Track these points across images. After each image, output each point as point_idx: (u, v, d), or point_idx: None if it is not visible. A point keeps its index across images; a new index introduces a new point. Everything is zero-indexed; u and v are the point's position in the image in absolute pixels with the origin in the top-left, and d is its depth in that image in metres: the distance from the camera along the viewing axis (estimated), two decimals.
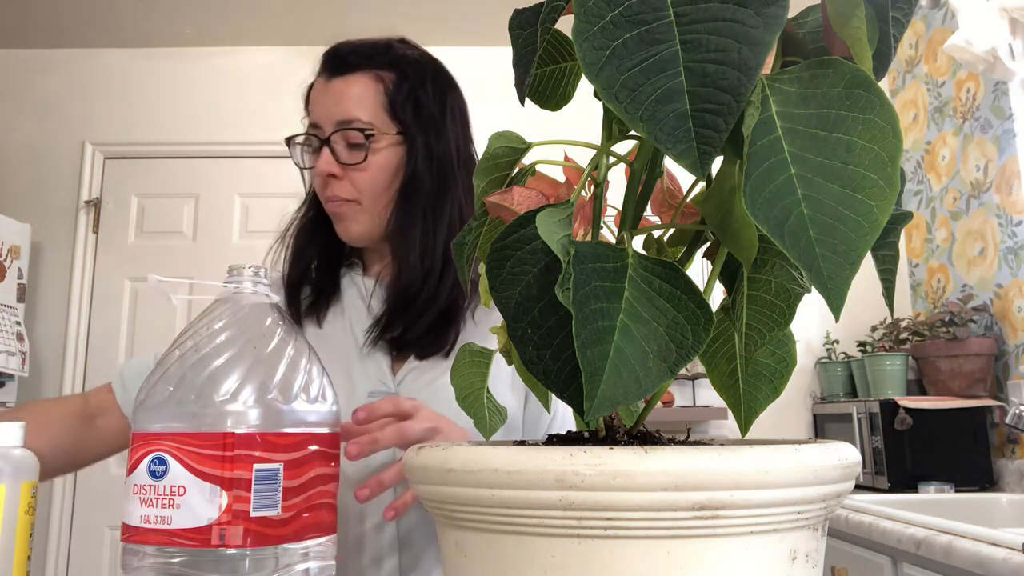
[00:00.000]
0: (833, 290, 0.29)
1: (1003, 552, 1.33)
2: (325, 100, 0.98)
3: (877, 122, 0.30)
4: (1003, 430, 2.36)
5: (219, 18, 3.06)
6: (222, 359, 0.53)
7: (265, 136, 3.16)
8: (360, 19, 3.07)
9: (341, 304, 1.03)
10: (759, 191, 0.30)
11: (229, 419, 0.51)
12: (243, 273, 0.59)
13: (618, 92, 0.31)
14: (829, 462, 0.33)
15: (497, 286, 0.36)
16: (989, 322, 2.44)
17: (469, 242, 0.45)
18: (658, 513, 0.31)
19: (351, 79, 0.98)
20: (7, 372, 2.67)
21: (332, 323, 1.02)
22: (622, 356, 0.32)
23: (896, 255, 0.38)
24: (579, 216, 0.40)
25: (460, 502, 0.35)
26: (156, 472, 0.50)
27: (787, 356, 0.44)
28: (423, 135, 0.98)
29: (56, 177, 3.12)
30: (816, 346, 2.92)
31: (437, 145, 0.99)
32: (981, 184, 2.50)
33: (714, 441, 0.38)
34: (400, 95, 0.98)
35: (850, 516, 1.87)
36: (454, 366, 0.47)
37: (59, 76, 3.21)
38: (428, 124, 0.99)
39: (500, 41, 3.10)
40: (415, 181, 0.97)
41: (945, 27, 2.68)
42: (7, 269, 2.75)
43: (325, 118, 0.97)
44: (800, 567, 0.34)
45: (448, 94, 1.03)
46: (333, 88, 0.98)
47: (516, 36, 0.39)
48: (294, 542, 0.52)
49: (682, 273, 0.34)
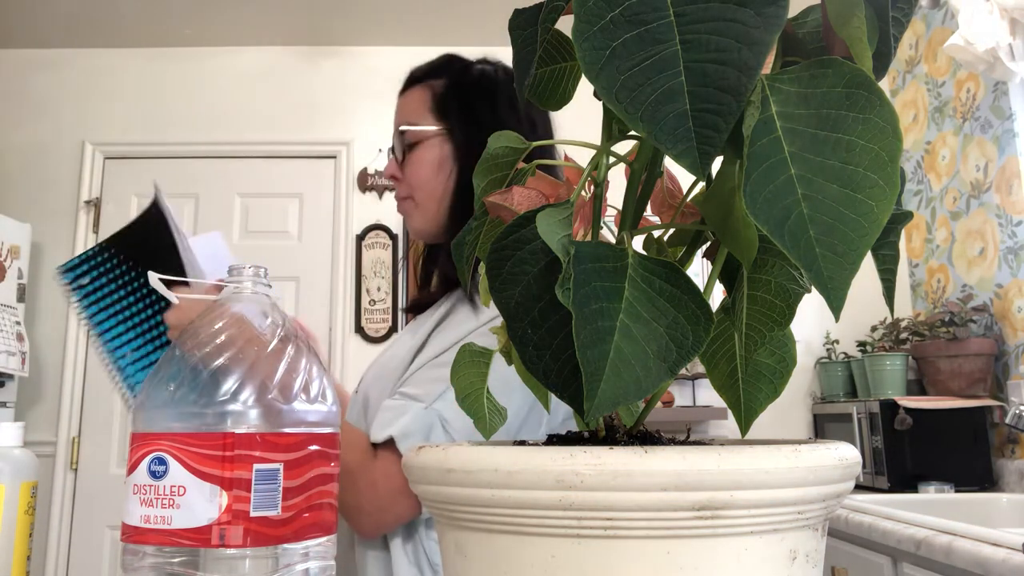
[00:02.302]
0: (833, 290, 0.29)
1: (1003, 552, 1.33)
2: (394, 118, 1.10)
3: (877, 122, 0.30)
4: (1003, 430, 2.36)
5: (219, 18, 3.06)
6: (222, 359, 0.53)
7: (265, 136, 3.17)
8: (360, 19, 3.07)
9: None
10: (759, 191, 0.30)
11: (229, 419, 0.51)
12: (243, 273, 0.59)
13: (618, 92, 0.31)
14: (829, 462, 0.33)
15: (497, 286, 0.36)
16: (989, 322, 2.44)
17: (469, 242, 0.45)
18: (658, 513, 0.31)
19: (409, 94, 1.08)
20: (7, 372, 2.67)
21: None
22: (622, 356, 0.32)
23: (896, 255, 0.38)
24: (579, 216, 0.40)
25: (460, 502, 0.35)
26: (156, 472, 0.50)
27: (787, 356, 0.44)
28: (473, 131, 1.02)
29: (56, 177, 3.12)
30: (816, 346, 2.92)
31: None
32: (981, 184, 2.50)
33: (714, 441, 0.38)
34: (446, 96, 1.05)
35: (850, 516, 1.87)
36: (454, 366, 0.47)
37: (59, 76, 3.21)
38: (478, 121, 1.03)
39: (500, 41, 3.10)
40: (465, 175, 1.02)
41: (945, 27, 2.68)
42: (7, 269, 2.75)
43: (392, 132, 1.09)
44: (800, 567, 0.34)
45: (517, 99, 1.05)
46: (397, 106, 1.10)
47: (516, 36, 0.39)
48: (294, 542, 0.52)
49: (682, 273, 0.34)
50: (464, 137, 1.03)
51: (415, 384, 0.93)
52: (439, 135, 1.04)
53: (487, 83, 1.06)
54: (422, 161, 1.04)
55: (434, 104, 1.05)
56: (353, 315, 3.05)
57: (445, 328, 0.99)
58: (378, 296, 3.07)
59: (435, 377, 0.92)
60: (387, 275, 3.08)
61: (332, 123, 3.14)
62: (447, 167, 1.03)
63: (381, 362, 1.07)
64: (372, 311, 3.06)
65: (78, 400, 2.97)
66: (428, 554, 0.92)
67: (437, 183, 1.03)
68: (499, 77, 1.06)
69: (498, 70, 1.07)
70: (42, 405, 2.94)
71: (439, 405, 0.89)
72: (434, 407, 0.89)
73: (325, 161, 3.16)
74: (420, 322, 1.05)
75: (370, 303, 3.07)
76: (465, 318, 0.97)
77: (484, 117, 1.03)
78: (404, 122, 1.06)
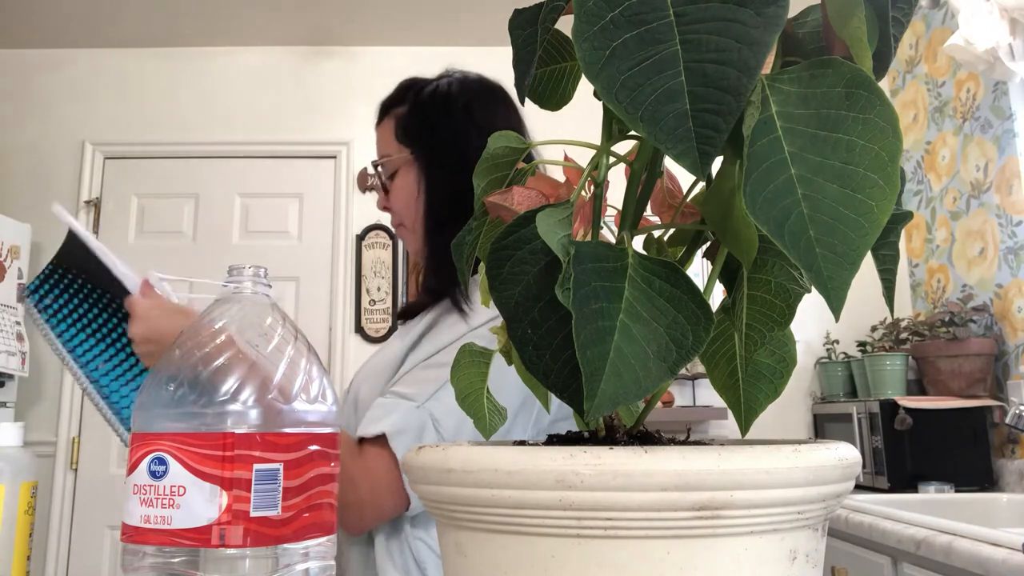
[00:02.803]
0: (833, 290, 0.29)
1: (1003, 552, 1.33)
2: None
3: (877, 122, 0.30)
4: (1003, 430, 2.36)
5: (219, 18, 3.06)
6: (222, 359, 0.53)
7: (265, 136, 3.16)
8: (360, 20, 3.07)
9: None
10: (759, 191, 0.30)
11: (229, 419, 0.51)
12: (243, 273, 0.59)
13: (618, 92, 0.31)
14: (829, 462, 0.33)
15: (497, 286, 0.36)
16: (989, 322, 2.44)
17: (469, 242, 0.45)
18: (658, 513, 0.31)
19: (381, 126, 1.13)
20: (7, 372, 2.67)
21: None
22: (622, 356, 0.32)
23: (896, 255, 0.38)
24: (579, 216, 0.40)
25: (460, 502, 0.35)
26: (156, 472, 0.50)
27: (787, 356, 0.44)
28: (438, 150, 1.05)
29: (56, 177, 3.12)
30: (816, 346, 2.92)
31: (463, 157, 1.04)
32: (981, 184, 2.50)
33: (714, 441, 0.38)
34: (407, 121, 1.08)
35: (850, 516, 1.87)
36: (454, 366, 0.47)
37: (59, 76, 3.21)
38: (442, 140, 1.05)
39: (500, 41, 3.10)
40: (437, 195, 1.05)
41: (945, 27, 2.68)
42: (7, 269, 2.75)
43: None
44: (800, 567, 0.34)
45: (475, 108, 1.07)
46: (376, 139, 1.14)
47: (516, 36, 0.39)
48: (294, 542, 0.52)
49: (682, 273, 0.34)
50: (425, 156, 1.07)
51: (406, 384, 0.94)
52: (408, 160, 1.08)
53: (440, 98, 1.08)
54: (402, 188, 1.08)
55: (399, 131, 1.09)
56: (353, 315, 3.05)
57: (437, 331, 0.99)
58: (378, 296, 3.07)
59: (427, 378, 0.93)
60: (387, 275, 3.08)
61: (332, 123, 3.14)
62: (422, 187, 1.07)
63: (371, 363, 1.08)
64: (372, 311, 3.06)
65: (78, 400, 2.97)
66: (414, 552, 0.92)
67: (419, 205, 1.07)
68: (452, 90, 1.08)
69: (452, 82, 1.09)
70: (42, 405, 2.94)
71: (430, 404, 0.90)
72: (426, 406, 0.90)
73: (325, 161, 3.16)
74: (410, 327, 1.06)
75: (370, 303, 3.07)
76: (455, 322, 0.99)
77: (442, 132, 1.06)
78: (379, 154, 1.12)
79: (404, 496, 0.89)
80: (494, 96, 1.10)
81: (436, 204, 1.05)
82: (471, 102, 1.07)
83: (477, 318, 0.97)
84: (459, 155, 1.03)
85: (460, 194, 1.03)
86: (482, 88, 1.10)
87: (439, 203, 1.05)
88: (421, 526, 0.94)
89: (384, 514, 0.91)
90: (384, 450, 0.87)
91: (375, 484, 0.88)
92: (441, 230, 1.04)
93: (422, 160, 1.07)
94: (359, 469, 0.88)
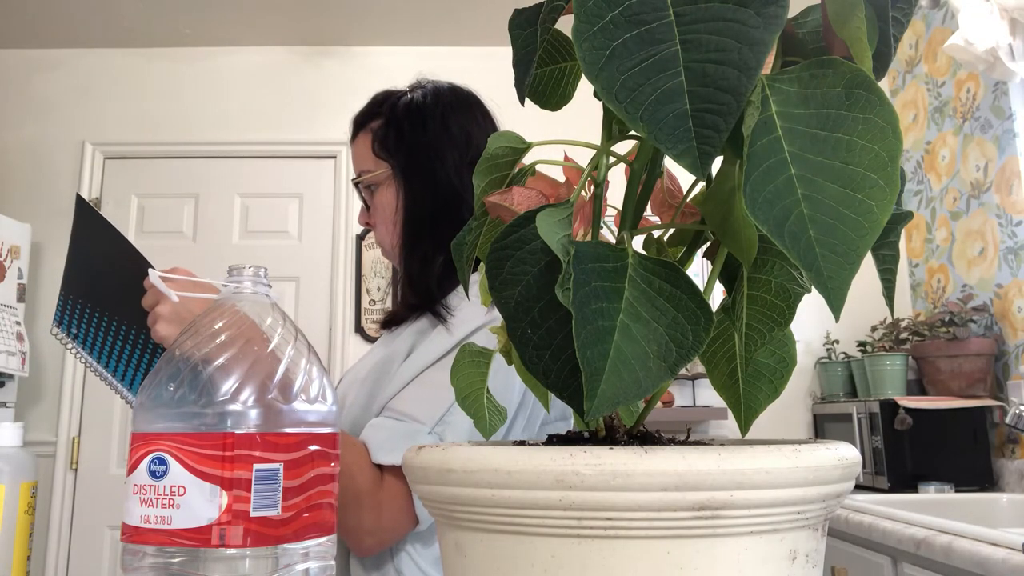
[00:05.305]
0: (833, 290, 0.29)
1: (1003, 552, 1.33)
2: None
3: (877, 122, 0.30)
4: (1003, 430, 2.36)
5: (219, 18, 3.06)
6: (222, 359, 0.53)
7: (265, 136, 3.16)
8: (361, 20, 3.07)
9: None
10: (759, 191, 0.30)
11: (229, 419, 0.51)
12: (243, 273, 0.59)
13: (618, 92, 0.31)
14: (829, 462, 0.33)
15: (497, 286, 0.36)
16: (989, 322, 2.44)
17: (469, 242, 0.45)
18: (658, 513, 0.31)
19: (356, 142, 1.12)
20: (7, 372, 2.67)
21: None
22: (622, 356, 0.32)
23: (896, 255, 0.38)
24: (579, 216, 0.40)
25: (460, 502, 0.35)
26: (156, 472, 0.50)
27: (787, 356, 0.44)
28: (415, 164, 1.05)
29: (56, 177, 3.12)
30: (816, 346, 2.92)
31: (440, 169, 1.05)
32: (981, 184, 2.50)
33: (714, 441, 0.38)
34: (383, 136, 1.07)
35: (850, 516, 1.87)
36: (454, 366, 0.47)
37: (59, 76, 3.21)
38: (412, 150, 1.05)
39: (500, 41, 3.10)
40: (415, 209, 1.05)
41: (945, 27, 2.68)
42: (7, 269, 2.75)
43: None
44: (800, 567, 0.34)
45: (450, 119, 1.07)
46: (352, 155, 1.13)
47: (516, 36, 0.39)
48: (294, 542, 0.52)
49: (682, 273, 0.34)
50: (403, 170, 1.06)
51: (409, 402, 0.94)
52: (387, 174, 1.07)
53: (415, 110, 1.08)
54: (383, 204, 1.08)
55: (375, 145, 1.08)
56: (353, 315, 3.05)
57: (427, 344, 0.99)
58: (378, 296, 3.07)
59: (430, 397, 0.93)
60: (387, 275, 3.07)
61: (333, 123, 3.13)
62: (400, 203, 1.06)
63: (356, 368, 1.10)
64: (372, 311, 3.06)
65: (78, 400, 2.97)
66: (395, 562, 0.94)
67: (397, 220, 1.07)
68: (426, 101, 1.08)
69: (427, 94, 1.09)
70: (42, 405, 2.94)
71: (440, 429, 0.91)
72: (435, 431, 0.91)
73: (325, 161, 3.16)
74: (393, 336, 1.07)
75: (370, 303, 3.07)
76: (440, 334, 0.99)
77: (417, 144, 1.06)
78: (357, 170, 1.10)
79: (415, 518, 0.91)
80: (467, 105, 1.10)
81: (413, 220, 1.05)
82: (446, 113, 1.08)
83: (462, 328, 0.97)
84: (435, 170, 1.04)
85: (436, 211, 1.04)
86: (455, 98, 1.10)
87: (416, 220, 1.05)
88: (412, 538, 0.95)
89: (399, 538, 0.93)
90: (401, 481, 0.89)
91: (396, 514, 0.89)
92: (417, 248, 1.04)
93: (400, 174, 1.06)
94: (383, 495, 0.89)
